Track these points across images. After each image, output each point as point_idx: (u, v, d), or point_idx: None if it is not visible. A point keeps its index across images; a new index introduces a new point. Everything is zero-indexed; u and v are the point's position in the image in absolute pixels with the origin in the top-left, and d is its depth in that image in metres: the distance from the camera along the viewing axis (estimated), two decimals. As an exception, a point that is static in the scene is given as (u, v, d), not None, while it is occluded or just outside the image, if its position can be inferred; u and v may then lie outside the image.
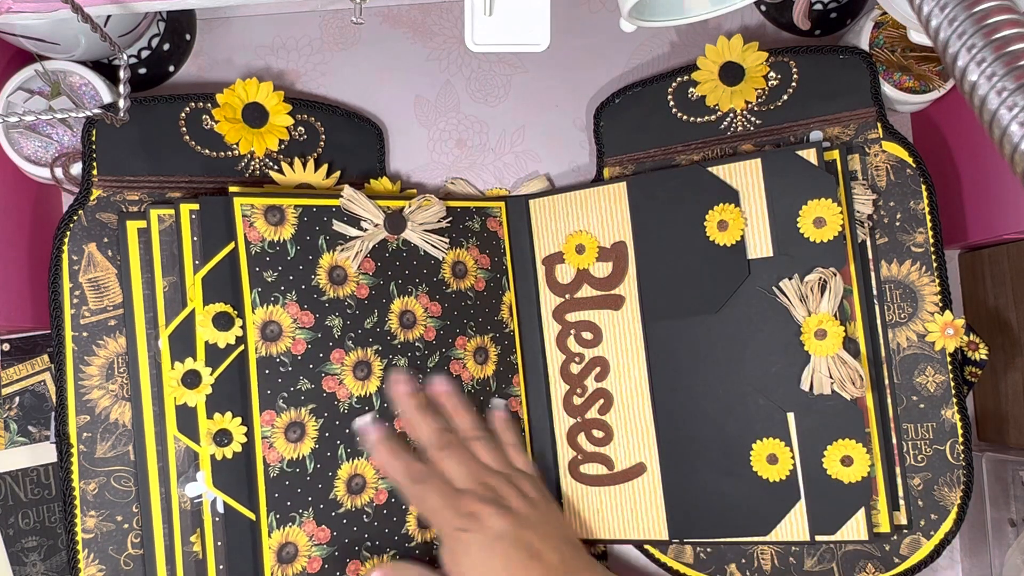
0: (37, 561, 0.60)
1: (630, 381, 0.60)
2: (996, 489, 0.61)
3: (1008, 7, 0.28)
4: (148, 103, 0.57)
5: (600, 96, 0.67)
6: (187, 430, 0.53)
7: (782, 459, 0.55)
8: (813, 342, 0.54)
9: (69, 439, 0.53)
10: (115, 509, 0.54)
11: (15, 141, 0.58)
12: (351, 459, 0.55)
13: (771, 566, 0.59)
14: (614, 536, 0.61)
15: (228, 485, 0.53)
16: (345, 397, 0.56)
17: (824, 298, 0.54)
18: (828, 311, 0.54)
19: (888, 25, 0.61)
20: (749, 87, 0.60)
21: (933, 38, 0.29)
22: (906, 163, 0.58)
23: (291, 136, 0.61)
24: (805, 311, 0.55)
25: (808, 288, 0.55)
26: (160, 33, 0.64)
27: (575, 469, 0.62)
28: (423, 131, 0.67)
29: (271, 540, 0.52)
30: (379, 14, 0.67)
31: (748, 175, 0.57)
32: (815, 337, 0.54)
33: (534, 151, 0.67)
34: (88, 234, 0.55)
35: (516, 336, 0.64)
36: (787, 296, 0.55)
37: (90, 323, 0.55)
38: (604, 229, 0.61)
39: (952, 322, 0.56)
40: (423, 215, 0.59)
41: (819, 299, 0.54)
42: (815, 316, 0.54)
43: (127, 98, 0.49)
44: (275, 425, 0.53)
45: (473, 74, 0.68)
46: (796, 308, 0.55)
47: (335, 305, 0.56)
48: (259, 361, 0.53)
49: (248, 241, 0.54)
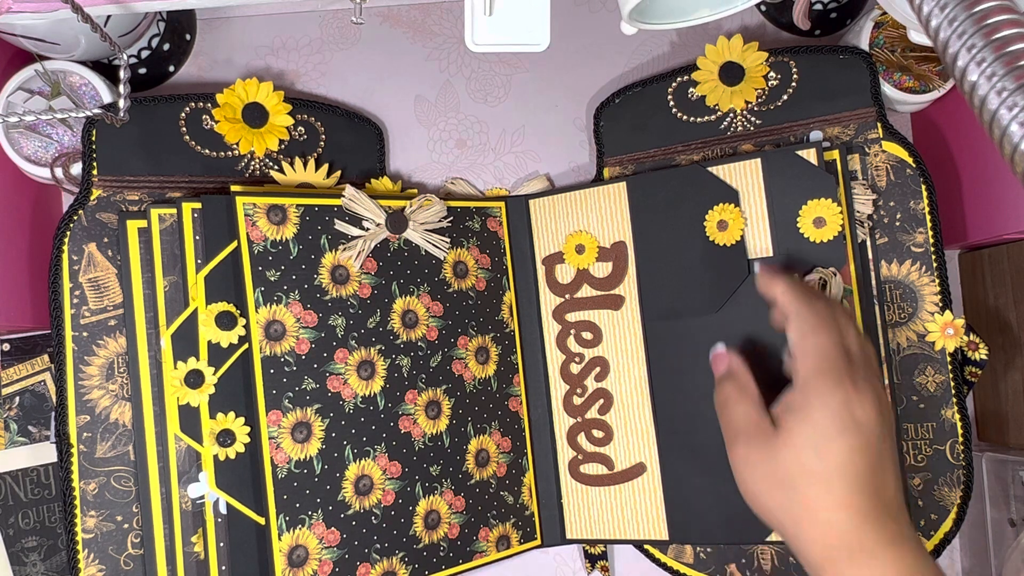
0: (37, 561, 0.60)
1: (630, 381, 0.60)
2: (996, 489, 0.61)
3: (1008, 7, 0.28)
4: (148, 103, 0.57)
5: (600, 96, 0.67)
6: (190, 430, 0.53)
7: None
8: None
9: (69, 439, 0.53)
10: (115, 509, 0.54)
11: (15, 141, 0.58)
12: (358, 460, 0.55)
13: (771, 566, 0.59)
14: (614, 536, 0.61)
15: (231, 486, 0.53)
16: (350, 397, 0.56)
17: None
18: None
19: (888, 25, 0.61)
20: (749, 87, 0.60)
21: (933, 38, 0.29)
22: (906, 163, 0.58)
23: (291, 136, 0.61)
24: None
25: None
26: (160, 33, 0.64)
27: (575, 469, 0.62)
28: (423, 131, 0.67)
29: (281, 543, 0.52)
30: (379, 14, 0.67)
31: (748, 175, 0.57)
32: None
33: (534, 151, 0.67)
34: (88, 234, 0.55)
35: (516, 336, 0.64)
36: None
37: (90, 323, 0.55)
38: (604, 229, 0.61)
39: (952, 322, 0.56)
40: (424, 215, 0.59)
41: None
42: None
43: (127, 98, 0.49)
44: (281, 425, 0.53)
45: (473, 74, 0.68)
46: None
47: (338, 304, 0.56)
48: (264, 360, 0.53)
49: (251, 240, 0.54)
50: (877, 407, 0.45)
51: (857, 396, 0.44)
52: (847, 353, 0.46)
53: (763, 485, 0.46)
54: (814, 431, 0.44)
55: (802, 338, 0.47)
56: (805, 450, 0.44)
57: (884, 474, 0.44)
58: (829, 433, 0.44)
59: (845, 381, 0.45)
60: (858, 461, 0.43)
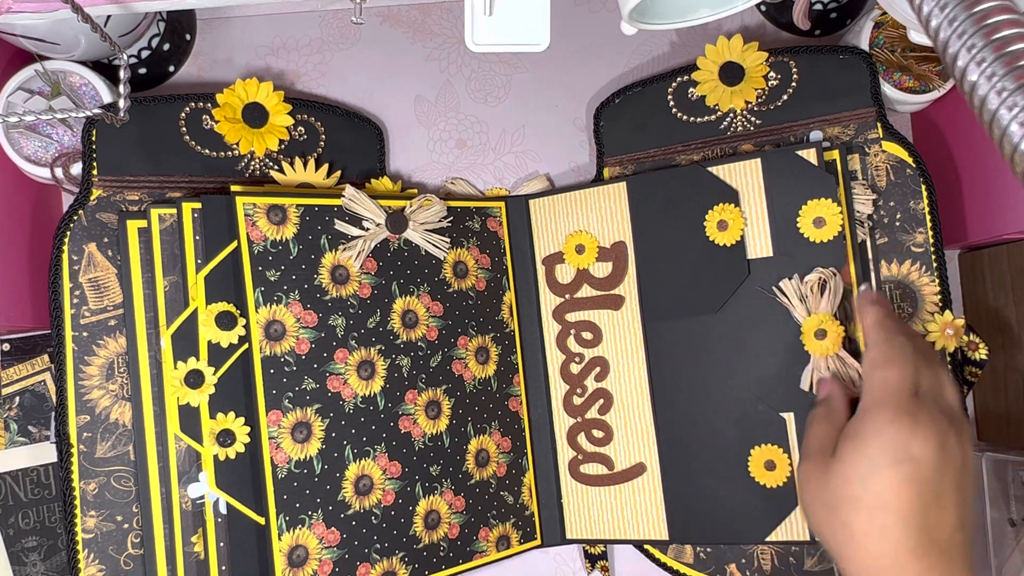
0: (37, 561, 0.60)
1: (630, 381, 0.60)
2: (996, 489, 0.61)
3: (1008, 7, 0.28)
4: (148, 103, 0.57)
5: (600, 96, 0.67)
6: (190, 430, 0.53)
7: (780, 465, 0.55)
8: (813, 342, 0.54)
9: (69, 439, 0.53)
10: (115, 509, 0.54)
11: (15, 141, 0.58)
12: (358, 460, 0.55)
13: (771, 566, 0.59)
14: (614, 536, 0.61)
15: (231, 486, 0.53)
16: (350, 397, 0.56)
17: (824, 298, 0.54)
18: (828, 311, 0.54)
19: (888, 25, 0.61)
20: (749, 87, 0.60)
21: (933, 38, 0.29)
22: (906, 163, 0.58)
23: (291, 136, 0.61)
24: (805, 311, 0.55)
25: (808, 288, 0.55)
26: (160, 33, 0.64)
27: (575, 469, 0.62)
28: (423, 131, 0.67)
29: (281, 543, 0.52)
30: (379, 14, 0.67)
31: (748, 175, 0.57)
32: (815, 337, 0.54)
33: (534, 151, 0.67)
34: (88, 234, 0.55)
35: (516, 336, 0.64)
36: (787, 296, 0.55)
37: (90, 323, 0.55)
38: (604, 229, 0.61)
39: (952, 322, 0.56)
40: (424, 215, 0.59)
41: (819, 299, 0.54)
42: (815, 316, 0.54)
43: (127, 98, 0.49)
44: (281, 425, 0.53)
45: (473, 74, 0.68)
46: (796, 308, 0.55)
47: (338, 305, 0.56)
48: (264, 360, 0.53)
49: (251, 240, 0.54)
50: (939, 445, 0.44)
51: (916, 431, 0.44)
52: (915, 389, 0.46)
53: (815, 504, 0.47)
54: (864, 459, 0.44)
55: (872, 369, 0.47)
56: (853, 477, 0.44)
57: (940, 512, 0.43)
58: (878, 463, 0.44)
59: (903, 415, 0.44)
60: (905, 495, 0.43)
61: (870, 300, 0.51)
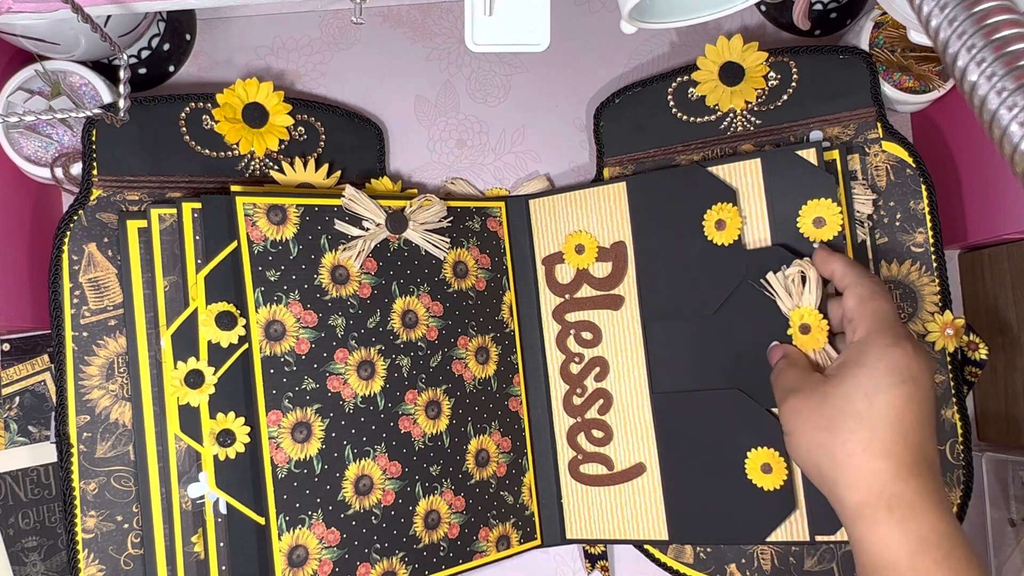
0: (37, 561, 0.60)
1: (630, 381, 0.60)
2: (996, 489, 0.61)
3: (1008, 7, 0.28)
4: (148, 103, 0.57)
5: (600, 96, 0.67)
6: (190, 430, 0.53)
7: (776, 469, 0.55)
8: (799, 337, 0.53)
9: (69, 439, 0.53)
10: (115, 509, 0.54)
11: (15, 141, 0.58)
12: (358, 460, 0.55)
13: (771, 566, 0.59)
14: (614, 536, 0.61)
15: (231, 486, 0.53)
16: (350, 397, 0.56)
17: (806, 290, 0.53)
18: (811, 304, 0.53)
19: (888, 25, 0.61)
20: (749, 87, 0.60)
21: (933, 38, 0.29)
22: (906, 163, 0.58)
23: (291, 136, 0.61)
24: (792, 304, 0.54)
25: (789, 281, 0.54)
26: (160, 33, 0.64)
27: (575, 469, 0.62)
28: (423, 131, 0.67)
29: (281, 543, 0.52)
30: (379, 14, 0.67)
31: (748, 175, 0.57)
32: (800, 332, 0.53)
33: (534, 151, 0.67)
34: (88, 234, 0.55)
35: (516, 336, 0.64)
36: (773, 289, 0.55)
37: (90, 323, 0.55)
38: (604, 229, 0.61)
39: (952, 322, 0.56)
40: (424, 215, 0.59)
41: (802, 292, 0.54)
42: (799, 310, 0.53)
43: (127, 98, 0.49)
44: (281, 425, 0.53)
45: (473, 74, 0.68)
46: (783, 300, 0.54)
47: (338, 305, 0.56)
48: (264, 360, 0.53)
49: (251, 240, 0.54)
50: (930, 369, 0.46)
51: (915, 355, 0.45)
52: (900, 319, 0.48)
53: (808, 430, 0.46)
54: (868, 377, 0.45)
55: (860, 303, 0.49)
56: (856, 393, 0.45)
57: (930, 433, 0.45)
58: (884, 381, 0.45)
59: (903, 340, 0.46)
60: (908, 413, 0.44)
61: (830, 250, 0.53)
